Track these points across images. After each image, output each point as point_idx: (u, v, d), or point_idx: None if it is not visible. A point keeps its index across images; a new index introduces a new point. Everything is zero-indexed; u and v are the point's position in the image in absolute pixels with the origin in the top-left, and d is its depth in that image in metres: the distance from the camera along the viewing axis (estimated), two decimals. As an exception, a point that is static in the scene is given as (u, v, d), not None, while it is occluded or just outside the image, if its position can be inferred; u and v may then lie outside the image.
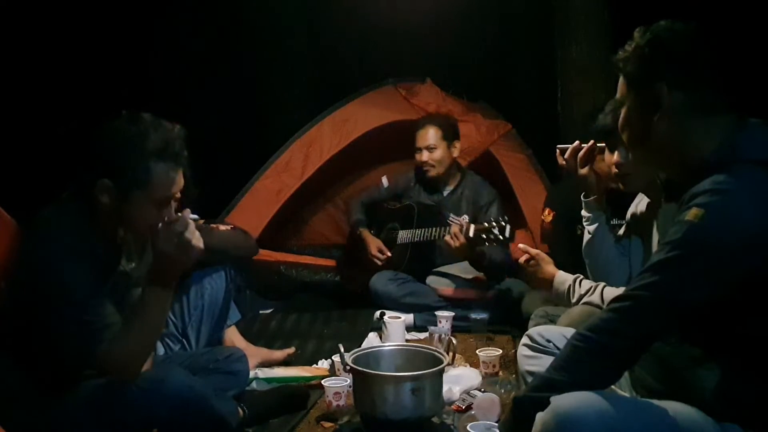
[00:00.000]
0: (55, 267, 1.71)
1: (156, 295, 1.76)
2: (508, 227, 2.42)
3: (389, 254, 3.69)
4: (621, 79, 1.49)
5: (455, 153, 3.61)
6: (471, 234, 2.81)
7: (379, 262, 3.68)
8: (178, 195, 2.53)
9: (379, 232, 3.79)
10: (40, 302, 1.72)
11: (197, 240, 1.75)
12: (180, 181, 1.82)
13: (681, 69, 1.40)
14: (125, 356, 1.75)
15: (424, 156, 3.57)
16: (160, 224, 1.74)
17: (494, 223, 2.50)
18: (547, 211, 3.06)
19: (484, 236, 2.64)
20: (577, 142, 2.28)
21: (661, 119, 1.41)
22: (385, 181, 3.91)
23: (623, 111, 1.50)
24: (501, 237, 2.48)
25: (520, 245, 2.50)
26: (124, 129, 1.75)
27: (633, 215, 2.28)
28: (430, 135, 3.56)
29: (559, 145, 2.33)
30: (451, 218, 3.62)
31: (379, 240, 3.73)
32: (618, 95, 1.51)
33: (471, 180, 3.66)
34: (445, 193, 3.67)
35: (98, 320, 1.72)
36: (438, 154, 3.56)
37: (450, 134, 3.58)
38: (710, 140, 1.38)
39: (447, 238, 3.17)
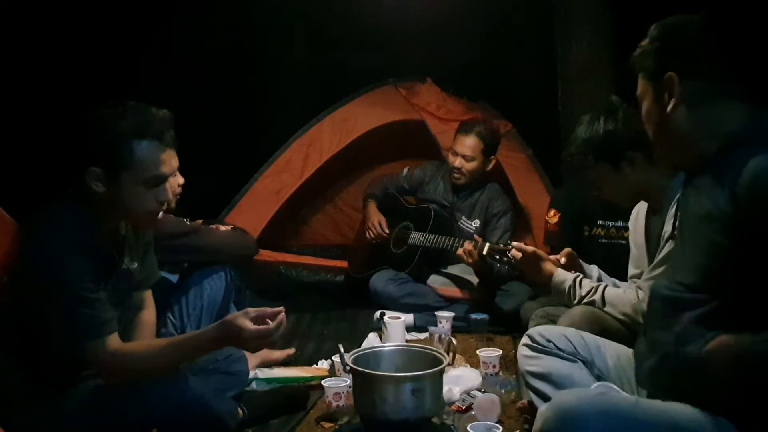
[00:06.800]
0: (54, 259, 1.71)
1: (202, 351, 1.86)
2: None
3: (387, 232, 3.69)
4: (639, 77, 1.51)
5: (488, 167, 3.60)
6: (484, 252, 2.82)
7: (374, 233, 3.68)
8: (180, 183, 2.54)
9: (392, 228, 3.79)
10: (39, 295, 1.73)
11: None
12: (170, 161, 1.82)
13: (690, 58, 1.41)
14: (128, 366, 1.77)
15: (457, 162, 3.54)
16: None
17: (510, 247, 2.51)
18: (552, 212, 3.05)
19: (497, 257, 2.64)
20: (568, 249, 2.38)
21: (676, 109, 1.43)
22: (405, 170, 3.91)
23: (643, 107, 1.51)
24: (513, 261, 2.49)
25: (514, 243, 2.50)
26: (102, 114, 1.78)
27: (634, 221, 2.30)
28: (472, 145, 3.51)
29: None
30: (462, 221, 3.62)
31: (384, 219, 3.74)
32: (638, 91, 1.53)
33: (490, 188, 3.66)
34: (462, 195, 3.67)
35: (94, 315, 1.73)
36: (472, 165, 3.54)
37: (489, 149, 3.56)
38: (728, 127, 1.39)
39: (460, 252, 3.15)
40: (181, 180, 2.55)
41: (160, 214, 1.87)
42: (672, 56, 1.44)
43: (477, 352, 2.67)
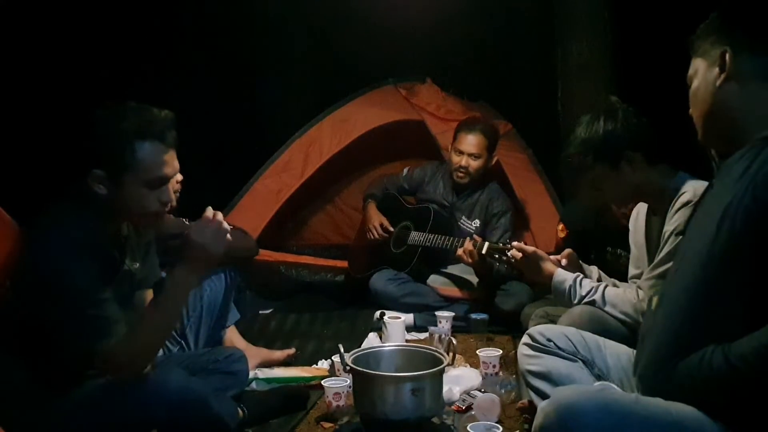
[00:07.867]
0: (60, 262, 1.71)
1: (181, 289, 1.79)
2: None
3: (391, 230, 3.70)
4: (693, 58, 1.47)
5: (491, 164, 3.60)
6: (484, 251, 2.82)
7: (375, 235, 3.68)
8: (179, 180, 2.55)
9: (392, 228, 3.79)
10: (45, 298, 1.72)
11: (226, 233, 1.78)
12: (172, 162, 1.81)
13: (747, 32, 1.37)
14: (134, 352, 1.75)
15: (464, 161, 3.53)
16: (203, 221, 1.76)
17: (510, 246, 2.51)
18: (561, 227, 3.05)
19: (496, 255, 2.64)
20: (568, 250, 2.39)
21: (725, 84, 1.38)
22: (405, 170, 3.91)
23: (693, 84, 1.47)
24: (513, 260, 2.50)
25: (515, 243, 2.50)
26: (104, 115, 1.77)
27: (634, 224, 2.30)
28: (478, 142, 3.52)
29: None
30: (462, 221, 3.62)
31: (385, 219, 3.73)
32: (689, 72, 1.48)
33: (490, 188, 3.66)
34: (462, 195, 3.67)
35: (102, 316, 1.73)
36: (479, 163, 3.54)
37: (492, 145, 3.58)
38: None
39: (460, 252, 3.15)
40: (179, 177, 2.56)
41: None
42: (729, 30, 1.39)
43: (477, 352, 2.67)
